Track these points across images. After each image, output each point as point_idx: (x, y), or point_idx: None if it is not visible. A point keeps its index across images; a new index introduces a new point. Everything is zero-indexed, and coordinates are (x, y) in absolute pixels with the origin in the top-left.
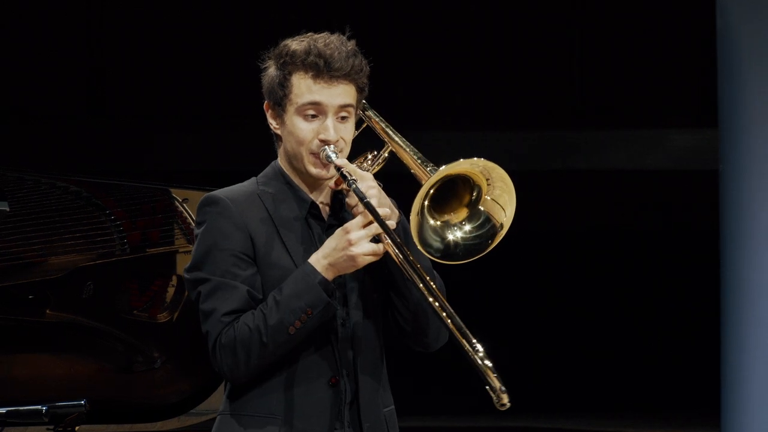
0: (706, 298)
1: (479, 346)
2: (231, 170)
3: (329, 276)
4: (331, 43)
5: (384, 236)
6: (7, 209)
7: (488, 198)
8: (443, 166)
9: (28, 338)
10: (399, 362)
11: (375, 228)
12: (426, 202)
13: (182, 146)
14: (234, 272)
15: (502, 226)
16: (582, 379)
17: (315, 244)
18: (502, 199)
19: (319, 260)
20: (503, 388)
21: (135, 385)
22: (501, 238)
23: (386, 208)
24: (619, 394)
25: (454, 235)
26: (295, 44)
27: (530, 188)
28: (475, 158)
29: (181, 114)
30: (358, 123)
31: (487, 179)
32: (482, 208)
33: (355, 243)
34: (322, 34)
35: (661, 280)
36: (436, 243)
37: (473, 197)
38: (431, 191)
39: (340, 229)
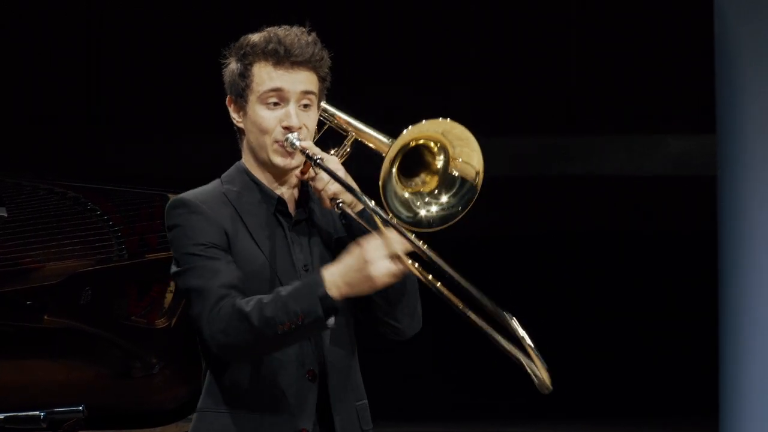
0: (705, 302)
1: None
2: None
3: (338, 294)
4: (291, 32)
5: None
6: (6, 215)
7: (458, 160)
8: (405, 130)
9: (27, 344)
10: (386, 366)
11: (394, 246)
12: (394, 170)
13: (181, 151)
14: (217, 257)
15: (478, 174)
16: (579, 382)
17: (285, 239)
18: (466, 155)
19: (335, 280)
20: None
21: (133, 391)
22: (479, 189)
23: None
24: (616, 398)
25: (428, 210)
26: (255, 36)
27: (529, 193)
28: (438, 119)
29: (180, 119)
30: (319, 125)
31: (450, 141)
32: (455, 173)
33: (373, 262)
34: (282, 26)
35: (659, 285)
36: (406, 214)
37: (442, 164)
38: (397, 159)
39: (356, 248)
